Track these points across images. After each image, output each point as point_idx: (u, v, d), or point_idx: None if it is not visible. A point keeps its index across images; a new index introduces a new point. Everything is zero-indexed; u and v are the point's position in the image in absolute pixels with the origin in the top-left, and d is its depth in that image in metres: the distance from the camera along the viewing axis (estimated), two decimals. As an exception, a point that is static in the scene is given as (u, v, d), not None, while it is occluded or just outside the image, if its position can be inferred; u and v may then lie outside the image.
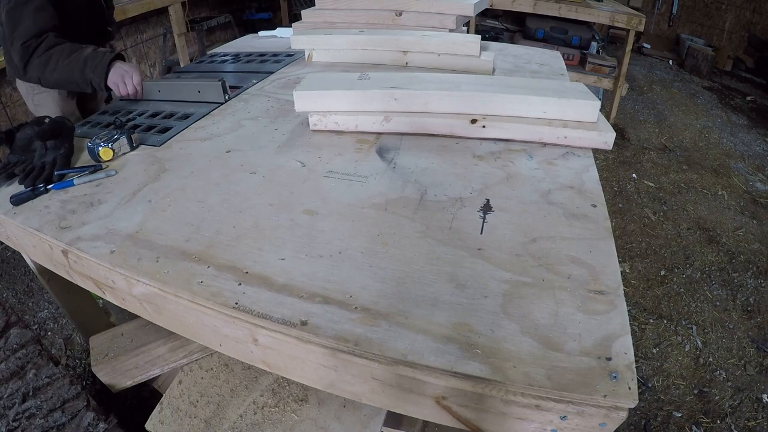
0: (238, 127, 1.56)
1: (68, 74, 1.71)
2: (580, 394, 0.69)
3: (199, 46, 4.99)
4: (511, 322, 0.81)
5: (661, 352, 2.33)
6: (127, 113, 1.78)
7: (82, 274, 1.15)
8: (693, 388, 2.16)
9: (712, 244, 2.99)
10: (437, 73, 1.57)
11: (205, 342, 1.02)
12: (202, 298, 0.91)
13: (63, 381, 1.29)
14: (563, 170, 1.21)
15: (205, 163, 1.36)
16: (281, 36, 2.77)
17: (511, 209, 1.08)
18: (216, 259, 1.00)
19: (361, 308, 0.85)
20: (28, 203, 1.27)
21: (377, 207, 1.12)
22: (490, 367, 0.73)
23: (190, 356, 1.36)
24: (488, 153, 1.30)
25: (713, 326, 2.44)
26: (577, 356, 0.74)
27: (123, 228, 1.13)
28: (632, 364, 0.73)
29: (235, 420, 1.21)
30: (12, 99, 3.87)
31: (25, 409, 1.23)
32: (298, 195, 1.18)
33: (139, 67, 4.93)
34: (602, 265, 0.91)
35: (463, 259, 0.94)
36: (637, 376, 0.72)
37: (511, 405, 0.74)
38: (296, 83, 1.85)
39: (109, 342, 1.42)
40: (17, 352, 1.38)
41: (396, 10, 2.20)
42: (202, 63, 2.42)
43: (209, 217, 1.13)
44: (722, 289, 2.66)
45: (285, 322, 0.84)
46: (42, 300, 2.92)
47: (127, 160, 1.42)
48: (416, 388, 0.78)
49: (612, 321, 0.80)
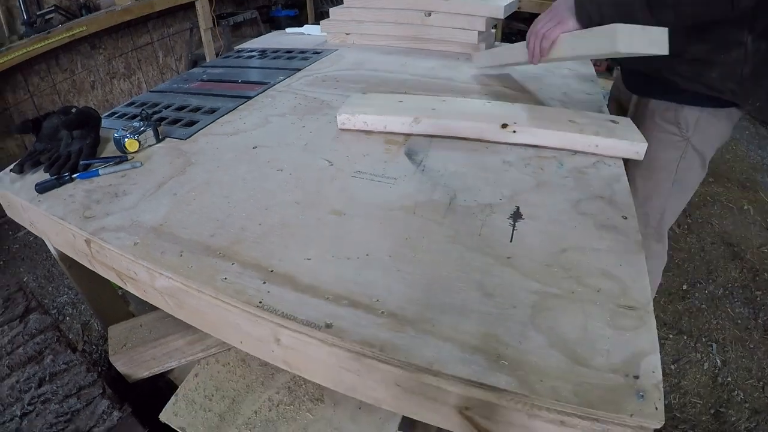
0: (265, 124, 1.55)
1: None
2: (607, 412, 0.68)
3: (225, 41, 5.01)
4: (539, 334, 0.79)
5: (680, 368, 2.30)
6: (154, 105, 1.78)
7: (104, 264, 1.15)
8: (710, 407, 2.12)
9: (736, 260, 2.94)
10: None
11: (226, 338, 1.02)
12: (225, 294, 0.90)
13: (80, 368, 1.29)
14: (594, 179, 1.19)
15: (232, 159, 1.35)
16: (308, 33, 2.77)
17: (541, 217, 1.06)
18: (241, 255, 0.99)
19: (388, 313, 0.84)
20: (52, 191, 1.28)
21: (406, 210, 1.11)
22: (516, 380, 0.72)
23: (208, 350, 1.35)
24: (518, 159, 1.28)
25: (733, 345, 2.40)
26: (604, 373, 0.72)
27: (147, 220, 1.12)
28: (660, 383, 0.71)
29: (249, 416, 1.21)
30: (39, 88, 3.91)
31: (41, 394, 1.23)
32: (326, 194, 1.18)
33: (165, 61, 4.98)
34: (632, 280, 0.89)
35: (492, 267, 0.92)
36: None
37: (536, 419, 0.72)
38: (324, 81, 1.85)
39: (127, 332, 1.42)
40: (36, 337, 1.38)
41: (425, 10, 2.19)
42: (228, 58, 2.42)
43: (235, 213, 1.12)
44: (744, 307, 2.62)
45: (309, 323, 0.83)
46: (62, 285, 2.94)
47: (153, 153, 1.42)
48: (440, 397, 0.77)
49: (641, 338, 0.78)
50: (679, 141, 1.53)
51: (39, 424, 1.16)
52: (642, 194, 1.65)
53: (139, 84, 4.95)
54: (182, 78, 2.13)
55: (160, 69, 5.16)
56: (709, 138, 1.52)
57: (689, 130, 1.50)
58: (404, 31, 2.30)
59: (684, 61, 1.39)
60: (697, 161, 1.56)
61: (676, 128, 1.51)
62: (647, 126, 1.56)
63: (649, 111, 1.56)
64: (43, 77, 3.97)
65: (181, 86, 2.00)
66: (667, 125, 1.52)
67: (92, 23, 3.94)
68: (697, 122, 1.48)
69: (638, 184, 1.63)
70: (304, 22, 6.08)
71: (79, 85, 4.34)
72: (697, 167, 1.58)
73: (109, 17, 4.10)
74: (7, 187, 1.35)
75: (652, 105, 1.55)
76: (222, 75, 2.11)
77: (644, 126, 1.55)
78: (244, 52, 2.46)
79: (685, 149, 1.53)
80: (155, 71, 5.11)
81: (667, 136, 1.54)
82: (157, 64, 5.10)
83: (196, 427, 1.19)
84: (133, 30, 4.70)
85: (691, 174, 1.60)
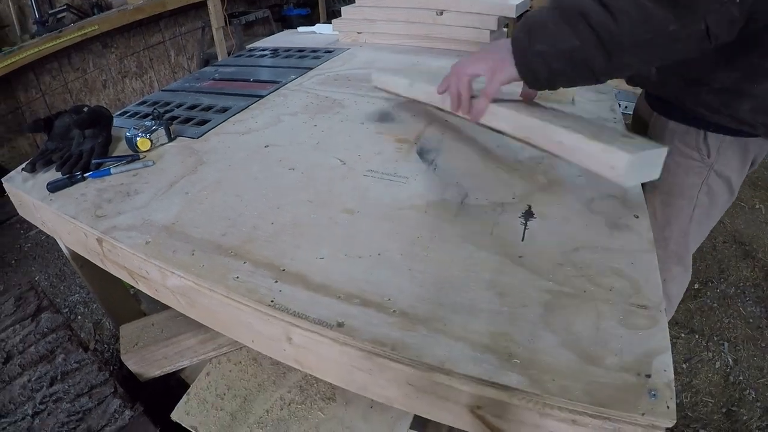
0: (277, 122, 1.55)
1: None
2: (619, 411, 0.67)
3: (237, 40, 5.02)
4: (551, 333, 0.79)
5: (691, 367, 2.29)
6: (165, 104, 1.79)
7: (116, 263, 1.16)
8: (721, 406, 2.11)
9: (748, 259, 2.93)
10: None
11: (237, 337, 1.02)
12: (237, 293, 0.90)
13: (91, 367, 1.30)
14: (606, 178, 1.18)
15: (243, 158, 1.35)
16: (320, 32, 2.77)
17: (553, 216, 1.05)
18: (252, 254, 0.99)
19: (399, 312, 0.84)
20: (64, 190, 1.28)
21: (417, 209, 1.11)
22: (528, 379, 0.72)
23: (219, 349, 1.36)
24: (530, 158, 1.28)
25: (745, 344, 2.39)
26: (616, 372, 0.72)
27: (159, 219, 1.13)
28: (671, 382, 0.70)
29: (261, 415, 1.21)
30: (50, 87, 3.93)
31: (53, 393, 1.23)
32: (338, 193, 1.18)
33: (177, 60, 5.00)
34: (645, 279, 0.89)
35: (503, 266, 0.92)
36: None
37: (547, 418, 0.72)
38: (335, 80, 1.85)
39: (139, 331, 1.42)
40: (47, 336, 1.39)
41: (437, 9, 2.18)
42: (240, 57, 2.42)
43: (246, 212, 1.13)
44: (756, 306, 2.60)
45: (321, 322, 0.83)
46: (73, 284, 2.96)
47: (165, 152, 1.42)
48: (452, 396, 0.77)
49: (653, 337, 0.78)
50: (701, 167, 1.39)
51: (51, 423, 1.16)
52: (661, 220, 1.53)
53: (150, 83, 4.97)
54: (194, 77, 2.14)
55: (172, 68, 5.17)
56: (736, 162, 1.37)
57: (711, 157, 1.36)
58: (416, 30, 2.30)
59: (711, 91, 1.23)
60: (722, 187, 1.42)
61: (698, 153, 1.37)
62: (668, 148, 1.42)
63: (669, 132, 1.42)
64: (55, 76, 4.00)
65: (193, 85, 2.01)
66: (688, 150, 1.38)
67: (104, 22, 3.96)
68: (720, 148, 1.34)
69: (657, 209, 1.51)
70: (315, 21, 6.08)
71: (91, 84, 4.36)
72: (723, 193, 1.44)
73: (121, 16, 4.12)
74: (19, 185, 1.35)
75: (672, 126, 1.41)
76: (234, 74, 2.12)
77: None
78: (255, 51, 2.47)
79: (708, 175, 1.39)
80: (167, 70, 5.12)
81: (687, 161, 1.40)
82: (168, 63, 5.12)
83: (208, 426, 1.19)
84: (145, 29, 4.72)
85: (715, 200, 1.45)
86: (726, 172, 1.38)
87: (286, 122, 1.56)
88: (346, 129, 1.49)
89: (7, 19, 3.66)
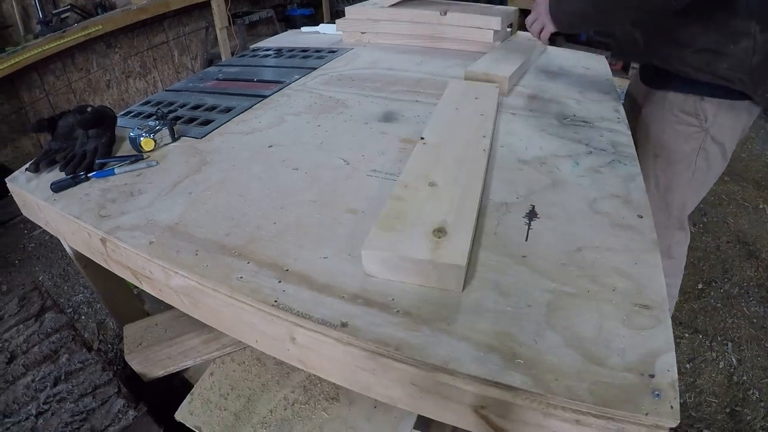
0: (280, 122, 1.55)
1: None
2: (622, 411, 0.67)
3: (241, 40, 5.03)
4: (555, 333, 0.79)
5: (695, 367, 2.29)
6: (169, 104, 1.79)
7: (120, 263, 1.16)
8: (725, 406, 2.11)
9: (752, 259, 2.92)
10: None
11: (241, 337, 1.02)
12: (241, 293, 0.90)
13: (95, 367, 1.30)
14: (610, 178, 1.18)
15: (247, 158, 1.35)
16: (324, 32, 2.77)
17: (556, 216, 1.05)
18: (256, 254, 0.99)
19: (403, 312, 0.84)
20: (68, 190, 1.28)
21: (421, 208, 1.10)
22: (532, 379, 0.72)
23: (223, 349, 1.36)
24: (534, 158, 1.28)
25: (749, 344, 2.39)
26: (620, 372, 0.72)
27: (162, 219, 1.13)
28: (675, 382, 0.70)
29: (265, 415, 1.21)
30: (54, 87, 3.94)
31: (56, 393, 1.24)
32: (341, 193, 1.18)
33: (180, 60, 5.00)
34: (648, 279, 0.89)
35: (507, 266, 0.92)
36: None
37: (551, 418, 0.72)
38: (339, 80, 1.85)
39: (143, 331, 1.42)
40: (51, 336, 1.39)
41: (441, 9, 2.19)
42: (244, 57, 2.42)
43: (250, 212, 1.13)
44: (760, 306, 2.60)
45: (325, 322, 0.83)
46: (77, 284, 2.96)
47: (169, 152, 1.42)
48: (455, 396, 0.77)
49: (656, 337, 0.78)
50: (698, 132, 1.56)
51: (54, 423, 1.17)
52: (663, 185, 1.69)
53: (154, 83, 4.98)
54: (198, 77, 2.14)
55: (176, 68, 5.18)
56: (729, 129, 1.55)
57: (708, 121, 1.53)
58: (420, 30, 2.29)
59: (695, 51, 1.43)
60: (717, 151, 1.59)
61: (695, 119, 1.54)
62: (665, 118, 1.61)
63: (668, 103, 1.59)
64: (59, 76, 4.01)
65: (197, 85, 2.01)
66: (686, 116, 1.56)
67: (108, 22, 3.97)
68: (716, 114, 1.51)
69: (659, 176, 1.68)
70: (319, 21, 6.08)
71: (95, 84, 4.37)
72: (718, 158, 1.61)
73: (125, 16, 4.13)
74: (22, 186, 1.36)
75: (671, 97, 1.58)
76: (237, 74, 2.12)
77: (662, 119, 1.62)
78: (259, 51, 2.46)
79: (704, 140, 1.56)
80: (171, 70, 5.13)
81: (685, 128, 1.57)
82: (172, 63, 5.13)
83: (212, 426, 1.19)
84: (149, 29, 4.73)
85: (710, 164, 1.62)
86: (720, 137, 1.56)
87: (289, 122, 1.56)
88: (349, 129, 1.49)
89: (11, 19, 3.67)
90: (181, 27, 5.09)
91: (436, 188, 1.06)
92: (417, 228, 0.93)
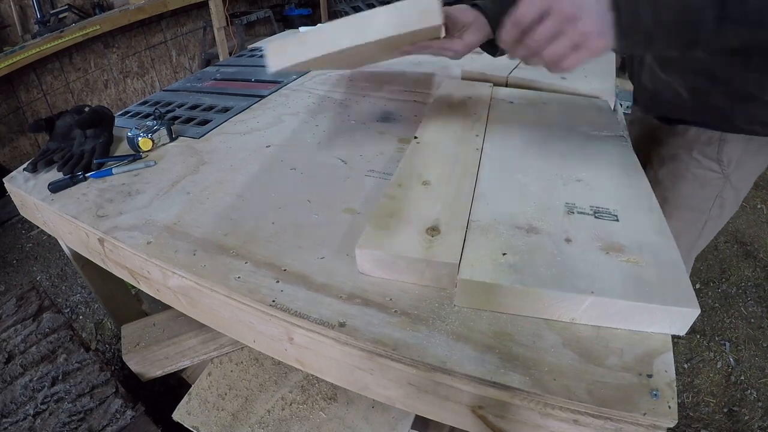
0: (278, 123, 1.55)
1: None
2: (620, 411, 0.67)
3: (239, 40, 5.03)
4: (553, 333, 0.79)
5: (693, 367, 2.29)
6: (167, 104, 1.79)
7: (118, 263, 1.16)
8: (723, 406, 2.11)
9: (749, 259, 2.93)
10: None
11: (239, 337, 1.02)
12: (238, 293, 0.90)
13: (93, 367, 1.30)
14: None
15: (245, 158, 1.35)
16: (321, 32, 2.76)
17: (553, 217, 1.05)
18: (254, 254, 0.99)
19: (401, 312, 0.84)
20: (66, 190, 1.28)
21: (418, 209, 1.10)
22: (530, 379, 0.71)
23: (221, 349, 1.36)
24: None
25: (747, 344, 2.39)
26: (618, 371, 0.72)
27: (160, 219, 1.13)
28: (673, 382, 0.70)
29: (262, 415, 1.21)
30: (52, 87, 3.94)
31: (54, 393, 1.24)
32: (339, 193, 1.17)
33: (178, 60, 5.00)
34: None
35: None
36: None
37: (549, 418, 0.72)
38: (337, 80, 1.85)
39: (140, 331, 1.42)
40: (49, 336, 1.39)
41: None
42: (242, 57, 2.42)
43: (248, 212, 1.12)
44: (758, 305, 2.60)
45: (323, 322, 0.83)
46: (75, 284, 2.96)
47: (166, 152, 1.42)
48: (453, 395, 0.77)
49: (654, 336, 0.78)
50: (718, 179, 1.34)
51: (52, 423, 1.17)
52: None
53: (152, 83, 4.98)
54: (195, 77, 2.13)
55: (174, 68, 5.18)
56: (750, 174, 1.36)
57: (730, 167, 1.31)
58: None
59: (765, 104, 1.15)
60: (732, 199, 1.40)
61: (717, 165, 1.32)
62: (683, 160, 1.38)
63: (686, 142, 1.35)
64: (57, 76, 4.00)
65: (195, 85, 2.01)
66: (707, 161, 1.33)
67: (106, 22, 3.96)
68: (740, 157, 1.30)
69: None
70: (317, 21, 6.09)
71: (93, 84, 4.36)
72: (732, 204, 1.42)
73: (123, 16, 4.12)
74: (20, 185, 1.35)
75: (691, 136, 1.34)
76: (235, 74, 2.11)
77: (679, 160, 1.39)
78: (257, 51, 2.46)
79: (723, 187, 1.36)
80: (168, 70, 5.13)
81: (705, 172, 1.35)
82: (170, 63, 5.12)
83: (210, 426, 1.19)
84: (147, 29, 4.73)
85: (724, 212, 1.43)
86: (739, 184, 1.35)
87: (287, 122, 1.55)
88: (347, 129, 1.49)
89: (9, 19, 3.67)
90: (179, 27, 5.09)
91: (430, 187, 1.06)
92: (410, 226, 0.93)
